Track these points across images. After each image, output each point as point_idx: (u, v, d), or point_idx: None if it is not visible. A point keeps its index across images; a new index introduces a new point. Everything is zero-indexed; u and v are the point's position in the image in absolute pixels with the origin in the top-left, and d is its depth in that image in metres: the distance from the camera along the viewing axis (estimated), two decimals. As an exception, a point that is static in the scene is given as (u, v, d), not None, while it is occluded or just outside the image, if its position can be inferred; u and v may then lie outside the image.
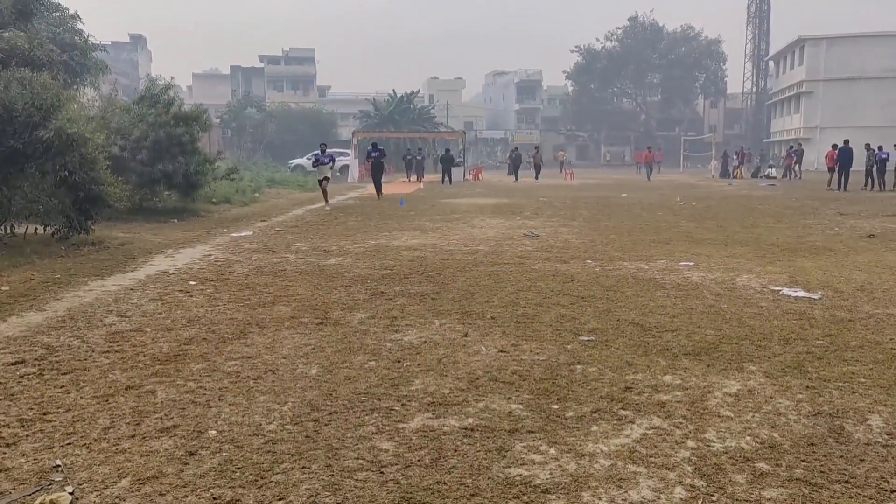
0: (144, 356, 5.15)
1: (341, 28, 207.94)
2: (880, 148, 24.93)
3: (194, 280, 8.11)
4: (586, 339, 5.52)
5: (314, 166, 19.16)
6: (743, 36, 70.94)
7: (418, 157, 36.38)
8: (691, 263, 8.91)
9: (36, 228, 10.80)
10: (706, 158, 62.49)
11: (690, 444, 3.56)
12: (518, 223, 14.14)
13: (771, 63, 67.75)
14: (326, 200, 18.41)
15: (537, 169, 36.40)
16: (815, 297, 6.86)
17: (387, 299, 7.03)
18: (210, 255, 10.13)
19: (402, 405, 4.17)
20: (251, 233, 12.74)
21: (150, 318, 6.30)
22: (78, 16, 19.17)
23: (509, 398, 4.25)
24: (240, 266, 9.10)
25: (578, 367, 4.83)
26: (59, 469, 3.36)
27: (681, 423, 3.82)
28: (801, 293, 6.98)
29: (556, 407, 4.09)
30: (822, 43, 54.48)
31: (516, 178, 35.82)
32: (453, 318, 6.25)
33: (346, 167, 37.56)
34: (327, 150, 19.05)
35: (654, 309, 6.47)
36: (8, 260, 9.08)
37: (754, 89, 70.63)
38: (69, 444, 3.64)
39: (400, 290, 7.48)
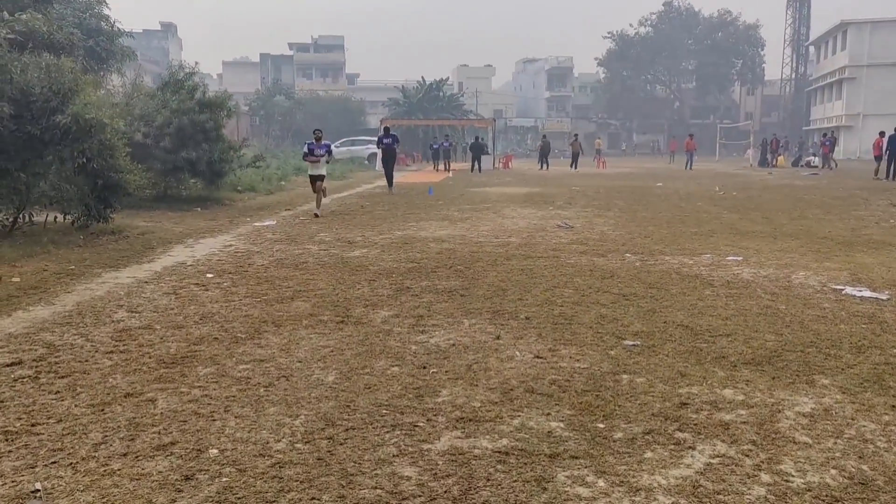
0: (150, 357, 4.75)
1: (371, 16, 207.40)
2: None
3: (212, 272, 7.73)
4: (631, 343, 5.00)
5: (304, 159, 14.20)
6: (782, 20, 68.65)
7: (445, 145, 35.25)
8: (740, 258, 8.30)
9: (55, 217, 10.54)
10: (742, 147, 61.09)
11: (765, 477, 3.03)
12: (551, 213, 13.57)
13: (811, 48, 65.76)
14: (318, 204, 13.73)
15: (575, 157, 35.20)
16: (883, 297, 6.23)
17: (412, 295, 6.57)
18: (231, 245, 9.77)
19: (427, 420, 3.71)
20: (275, 222, 12.38)
21: (161, 314, 5.92)
22: (104, 1, 18.95)
23: (548, 414, 3.76)
24: (260, 257, 8.71)
25: (624, 377, 4.32)
26: (38, 495, 2.95)
27: (750, 450, 3.29)
28: (867, 293, 6.36)
29: (601, 426, 3.59)
30: (867, 27, 52.61)
31: (546, 167, 35.11)
32: (484, 317, 5.77)
33: (373, 155, 37.20)
34: (323, 140, 13.95)
35: (703, 310, 5.91)
36: (24, 249, 8.80)
37: (793, 75, 68.67)
38: (54, 462, 3.24)
39: (427, 285, 7.01)
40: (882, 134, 25.48)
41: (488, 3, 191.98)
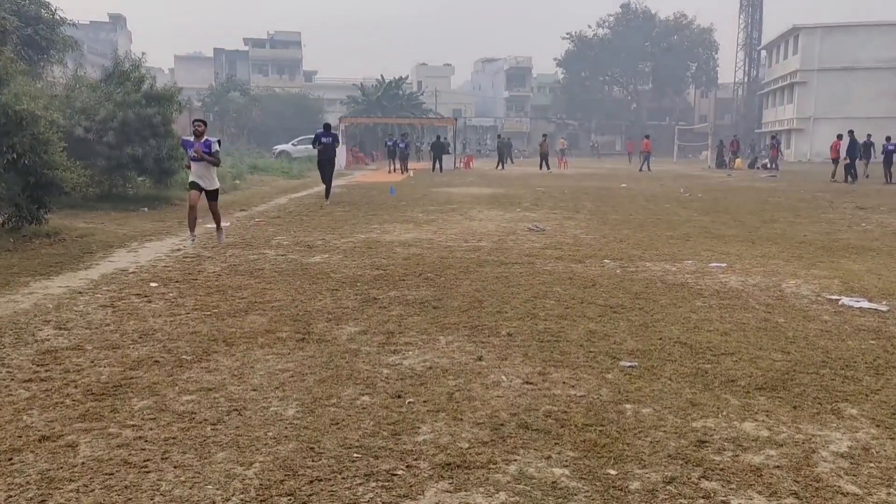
0: (76, 387, 4.06)
1: (329, 14, 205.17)
2: (888, 139, 24.09)
3: (156, 281, 6.99)
4: (628, 364, 4.49)
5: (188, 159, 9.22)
6: (735, 25, 69.82)
7: (401, 145, 31.76)
8: (723, 265, 7.90)
9: (-17, 218, 9.60)
10: (698, 149, 61.90)
11: (820, 543, 2.54)
12: (519, 215, 13.08)
13: (763, 52, 66.95)
14: (192, 228, 9.21)
15: (544, 157, 34.46)
16: (883, 308, 5.87)
17: (380, 308, 5.96)
18: (179, 249, 9.00)
19: (407, 467, 3.13)
20: (228, 224, 11.59)
21: (94, 332, 5.19)
22: (45, -13, 17.81)
23: (549, 457, 3.21)
24: (211, 264, 7.99)
25: (628, 406, 3.80)
26: None
27: (793, 504, 2.80)
28: (865, 304, 5.99)
29: (613, 472, 3.06)
30: (817, 32, 53.67)
31: (502, 167, 34.89)
32: (461, 333, 5.20)
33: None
34: (206, 136, 8.99)
35: (698, 323, 5.45)
36: (-56, 254, 7.92)
37: (746, 79, 69.79)
38: (-62, 537, 2.57)
39: (395, 295, 6.41)
40: (840, 137, 25.79)
41: (447, 1, 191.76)
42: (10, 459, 3.15)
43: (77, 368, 4.38)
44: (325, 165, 16.40)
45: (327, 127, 16.78)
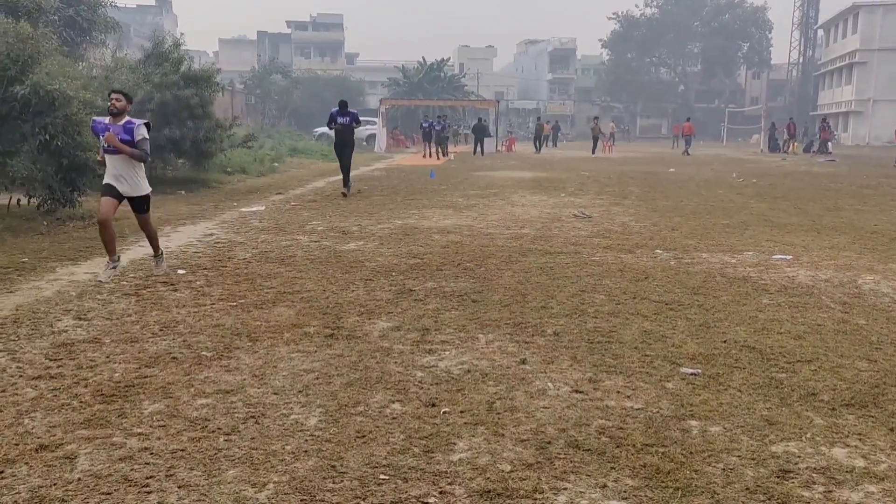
0: (87, 386, 3.76)
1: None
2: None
3: (184, 268, 6.72)
4: (690, 372, 4.01)
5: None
6: (790, 3, 67.12)
7: (437, 127, 29.09)
8: (788, 257, 7.29)
9: (19, 200, 9.47)
10: (748, 132, 59.94)
11: None
12: (564, 201, 12.54)
13: (820, 32, 64.34)
14: (110, 250, 6.33)
15: (595, 141, 32.98)
16: (978, 310, 5.24)
17: (416, 300, 5.57)
18: (212, 234, 8.75)
19: (440, 493, 2.73)
20: (263, 208, 11.35)
21: (114, 323, 4.91)
22: (87, -32, 17.73)
23: (604, 486, 2.77)
24: (242, 250, 7.69)
25: (693, 423, 3.33)
26: None
27: (907, 560, 2.31)
28: (956, 304, 5.36)
29: (682, 508, 2.61)
30: (878, 10, 51.26)
31: (538, 150, 34.23)
32: (503, 331, 4.77)
33: (372, 136, 36.10)
34: (128, 117, 6.19)
35: (767, 325, 4.91)
36: (-24, 238, 7.79)
37: (801, 59, 67.20)
38: None
39: (432, 287, 6.01)
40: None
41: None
42: (2, 472, 2.84)
43: (91, 364, 4.09)
44: (343, 149, 13.67)
45: (343, 105, 13.66)
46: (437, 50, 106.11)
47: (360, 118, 14.90)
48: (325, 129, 39.06)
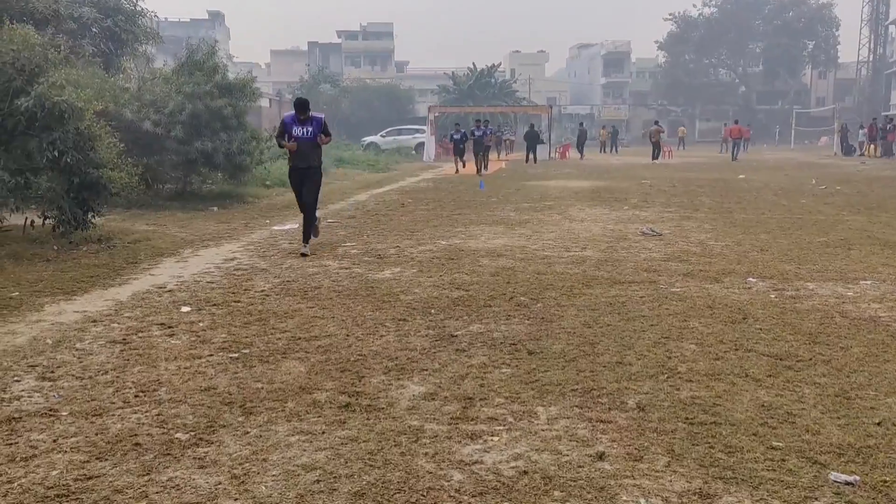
0: (5, 496, 2.78)
1: (421, 3, 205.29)
2: None
3: (190, 305, 5.78)
4: (844, 479, 2.80)
5: None
6: (859, -2, 63.76)
7: (478, 133, 24.12)
8: (920, 289, 5.93)
9: (33, 221, 8.76)
10: (815, 134, 57.00)
11: None
12: (628, 214, 11.27)
13: (892, 28, 60.83)
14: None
15: (657, 147, 29.88)
16: None
17: (458, 351, 4.47)
18: (234, 259, 7.83)
19: None
20: (297, 225, 10.41)
21: (84, 384, 3.97)
22: (126, -23, 17.32)
23: None
24: (263, 279, 6.74)
25: (878, 590, 2.13)
26: None
27: None
28: None
29: None
30: (959, 2, 47.91)
31: (581, 156, 33.78)
32: (569, 402, 3.64)
33: (421, 145, 35.25)
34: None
35: (929, 394, 3.64)
36: (-25, 265, 7.04)
37: (871, 57, 63.71)
38: None
39: (479, 331, 4.90)
40: None
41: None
42: None
43: (28, 455, 3.12)
44: (301, 177, 8.27)
45: (301, 105, 8.00)
46: (489, 56, 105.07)
47: (407, 127, 13.24)
48: (373, 138, 38.65)
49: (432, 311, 5.49)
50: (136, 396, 3.80)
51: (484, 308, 5.55)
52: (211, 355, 4.48)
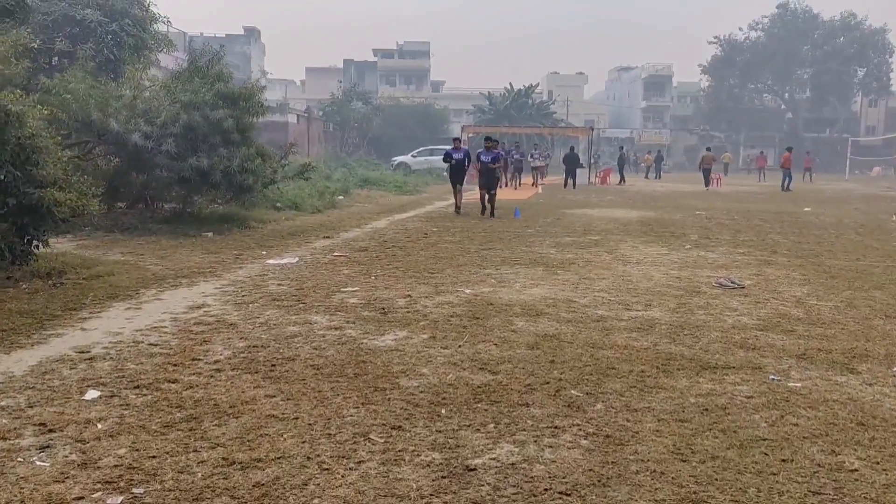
0: None
1: (458, 23, 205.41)
2: None
3: (103, 385, 4.11)
4: None
5: None
6: (914, 24, 60.87)
7: (516, 156, 24.36)
8: None
9: (-27, 249, 7.25)
10: (867, 164, 54.23)
11: None
12: (692, 256, 9.40)
13: (950, 54, 57.91)
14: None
15: (706, 174, 28.29)
16: None
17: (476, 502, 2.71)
18: (201, 305, 6.18)
19: None
20: (296, 259, 8.78)
21: None
22: (139, -19, 16.11)
23: None
24: (224, 341, 5.06)
25: None
26: None
27: None
28: None
29: None
30: None
31: (622, 181, 31.93)
32: None
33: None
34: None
35: None
36: None
37: (927, 85, 60.75)
38: None
39: (510, 459, 3.14)
40: None
41: (581, 7, 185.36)
42: None
43: None
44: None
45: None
46: (526, 77, 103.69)
47: (440, 147, 13.17)
48: (403, 157, 37.16)
49: (443, 410, 3.75)
50: None
51: (518, 406, 3.79)
52: (79, 500, 2.79)
